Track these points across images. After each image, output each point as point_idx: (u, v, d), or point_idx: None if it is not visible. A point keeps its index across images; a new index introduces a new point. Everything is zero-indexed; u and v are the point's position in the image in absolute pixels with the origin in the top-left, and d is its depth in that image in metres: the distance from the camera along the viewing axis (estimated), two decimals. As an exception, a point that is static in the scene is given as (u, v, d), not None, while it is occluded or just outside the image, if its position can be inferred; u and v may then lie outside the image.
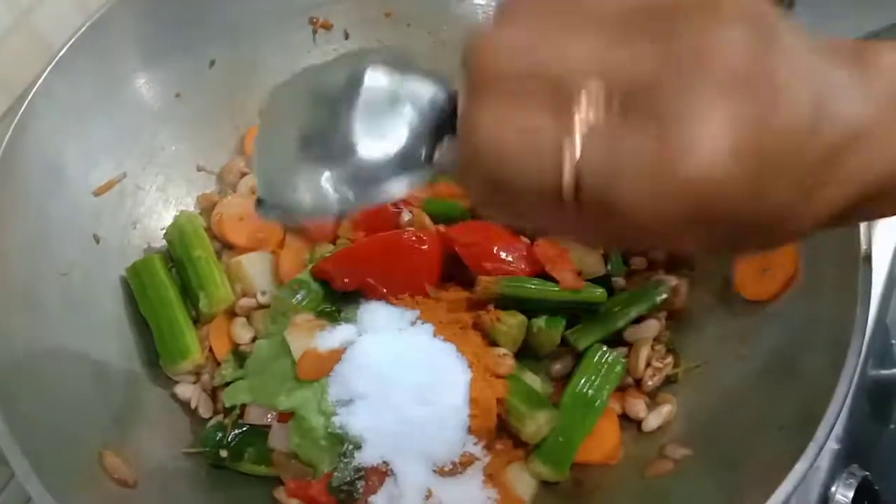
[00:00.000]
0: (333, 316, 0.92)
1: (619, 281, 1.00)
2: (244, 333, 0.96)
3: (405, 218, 1.05)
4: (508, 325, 0.91)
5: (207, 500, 0.89)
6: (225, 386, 0.94)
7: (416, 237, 0.97)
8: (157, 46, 1.05)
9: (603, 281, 0.98)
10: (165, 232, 1.04)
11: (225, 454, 0.89)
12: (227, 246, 1.06)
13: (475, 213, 1.02)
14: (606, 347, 0.93)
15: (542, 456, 0.87)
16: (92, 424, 0.85)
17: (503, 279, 0.93)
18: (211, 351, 0.98)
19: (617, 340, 0.96)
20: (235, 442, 0.90)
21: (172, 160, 1.09)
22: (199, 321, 0.99)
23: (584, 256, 0.98)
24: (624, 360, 0.93)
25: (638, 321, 0.96)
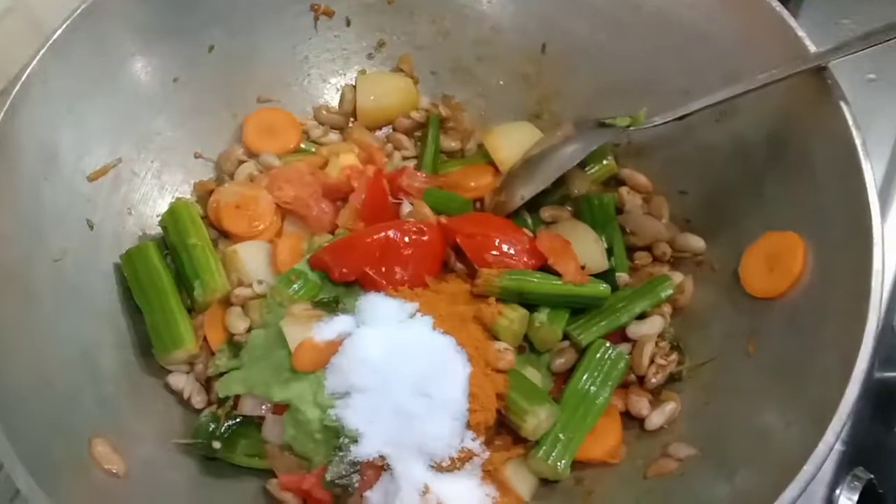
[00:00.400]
0: (331, 306, 0.90)
1: (623, 276, 0.98)
2: (239, 323, 0.94)
3: (406, 210, 1.03)
4: (510, 318, 0.89)
5: (199, 491, 0.87)
6: (219, 376, 0.92)
7: (416, 228, 0.95)
8: (154, 30, 1.03)
9: (606, 276, 0.97)
10: (160, 219, 1.02)
11: (218, 446, 0.87)
12: (223, 234, 1.03)
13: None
14: (610, 343, 0.91)
15: (542, 453, 0.85)
16: (82, 413, 0.83)
17: (505, 272, 0.91)
18: (205, 341, 0.95)
19: (620, 337, 0.94)
20: (228, 433, 0.88)
21: (169, 146, 1.07)
22: (193, 310, 0.97)
23: (586, 251, 0.96)
24: (627, 356, 0.92)
25: (642, 317, 0.95)
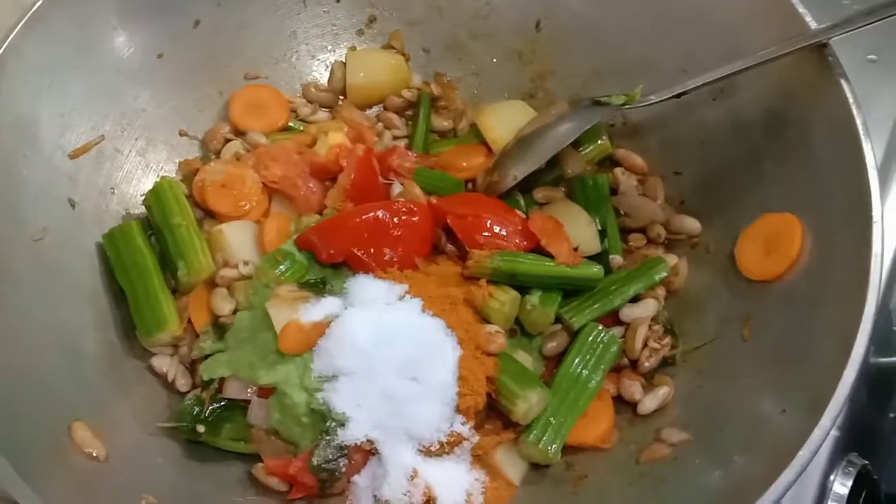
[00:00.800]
0: (318, 288, 0.88)
1: (616, 259, 0.96)
2: (225, 305, 0.92)
3: (396, 190, 1.01)
4: (501, 301, 0.88)
5: (183, 476, 0.85)
6: (203, 359, 0.90)
7: (406, 208, 0.92)
8: (137, 3, 1.00)
9: (599, 259, 0.95)
10: (144, 198, 1.00)
11: (202, 429, 0.85)
12: (208, 214, 1.01)
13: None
14: (602, 326, 0.90)
15: (532, 437, 0.83)
16: (61, 397, 0.81)
17: (497, 253, 0.89)
18: (190, 323, 0.93)
19: (613, 320, 0.93)
20: (213, 417, 0.86)
21: (153, 124, 1.04)
22: (178, 291, 0.95)
23: (579, 233, 0.94)
24: (620, 339, 0.90)
25: (635, 300, 0.93)
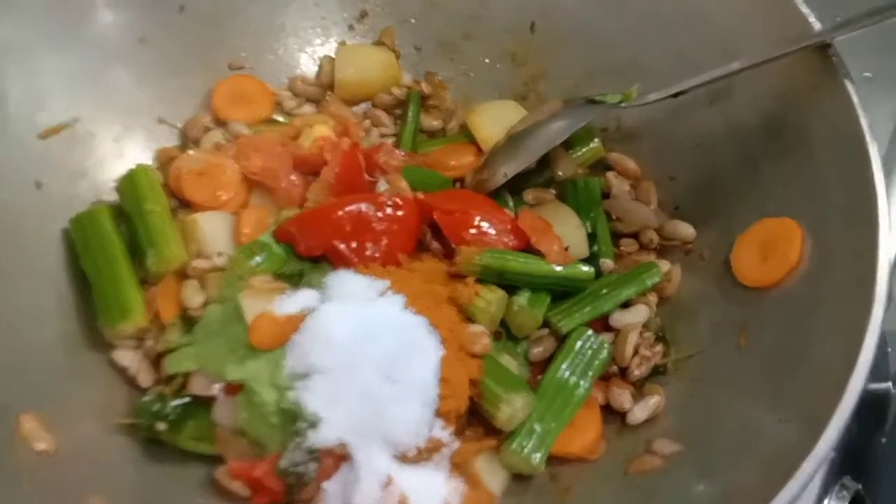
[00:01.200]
0: (294, 280, 0.84)
1: (606, 263, 0.93)
2: (195, 297, 0.86)
3: (381, 188, 0.97)
4: (487, 300, 0.83)
5: (140, 476, 0.80)
6: (169, 353, 0.84)
7: (391, 202, 0.88)
8: (121, -17, 0.97)
9: (589, 263, 0.91)
10: (117, 183, 0.95)
11: (162, 427, 0.79)
12: (184, 204, 0.96)
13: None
14: (592, 332, 0.86)
15: (515, 444, 0.79)
16: (10, 385, 0.75)
17: (485, 250, 0.85)
18: (157, 315, 0.87)
19: (603, 326, 0.89)
20: (175, 414, 0.80)
21: (132, 109, 1.00)
22: (146, 282, 0.89)
23: (567, 235, 0.91)
24: (609, 346, 0.86)
25: (626, 306, 0.89)
